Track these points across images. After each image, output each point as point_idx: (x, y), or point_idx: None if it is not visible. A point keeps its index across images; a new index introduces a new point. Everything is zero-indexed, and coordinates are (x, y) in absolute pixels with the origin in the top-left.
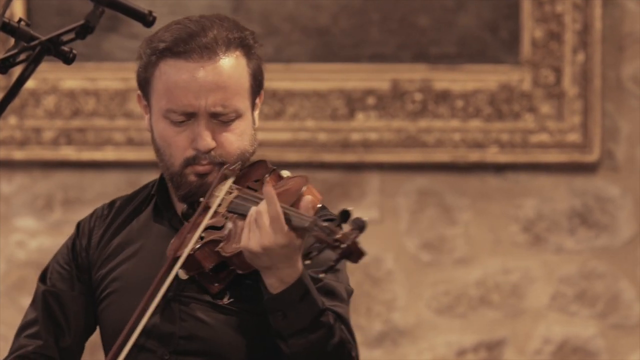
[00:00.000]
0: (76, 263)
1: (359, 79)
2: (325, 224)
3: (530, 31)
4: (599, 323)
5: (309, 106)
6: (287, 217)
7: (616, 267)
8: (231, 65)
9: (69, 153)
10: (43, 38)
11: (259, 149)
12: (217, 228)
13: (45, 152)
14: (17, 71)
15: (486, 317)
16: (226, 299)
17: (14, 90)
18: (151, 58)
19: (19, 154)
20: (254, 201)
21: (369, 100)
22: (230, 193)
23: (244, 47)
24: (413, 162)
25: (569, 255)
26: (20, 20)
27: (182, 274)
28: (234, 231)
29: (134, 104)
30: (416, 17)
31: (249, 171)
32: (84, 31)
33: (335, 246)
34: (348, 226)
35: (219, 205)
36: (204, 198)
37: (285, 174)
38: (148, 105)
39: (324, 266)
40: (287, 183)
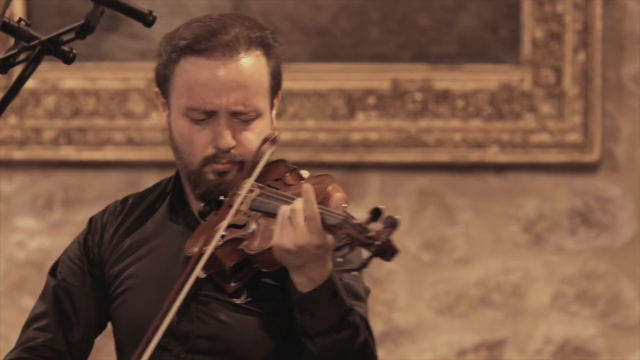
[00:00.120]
0: (88, 258)
1: (359, 78)
2: (357, 221)
3: (531, 31)
4: (600, 323)
5: (309, 106)
6: (320, 221)
7: (617, 267)
8: (252, 64)
9: (69, 153)
10: (43, 38)
11: None
12: (239, 226)
13: (45, 152)
14: (17, 71)
15: (487, 317)
16: (243, 298)
17: (14, 90)
18: (171, 55)
19: (19, 154)
20: (278, 199)
21: (369, 100)
22: (252, 191)
23: (265, 46)
24: (413, 162)
25: (569, 255)
26: (20, 20)
27: (201, 273)
28: (258, 229)
29: (134, 104)
30: (416, 16)
31: (268, 170)
32: (84, 31)
33: (369, 244)
34: (379, 224)
35: (241, 203)
36: (223, 196)
37: (304, 173)
38: (167, 102)
39: (344, 265)
40: (312, 182)
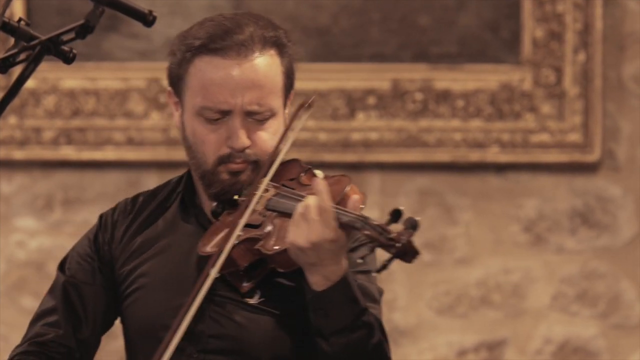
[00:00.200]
0: (98, 255)
1: (359, 78)
2: (376, 222)
3: (531, 31)
4: (600, 323)
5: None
6: (336, 215)
7: (617, 267)
8: (267, 63)
9: (69, 153)
10: (43, 38)
11: None
12: (255, 226)
13: (45, 152)
14: (17, 71)
15: (487, 317)
16: (256, 297)
17: (14, 90)
18: (186, 55)
19: (19, 154)
20: (294, 198)
21: (369, 100)
22: (267, 191)
23: (279, 45)
24: (414, 162)
25: (569, 255)
26: (20, 19)
27: (214, 272)
28: (274, 229)
29: (134, 104)
30: (417, 16)
31: (282, 169)
32: (84, 31)
33: (390, 245)
34: (399, 225)
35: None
36: (237, 196)
37: (319, 173)
38: (180, 101)
39: (355, 267)
40: (329, 182)
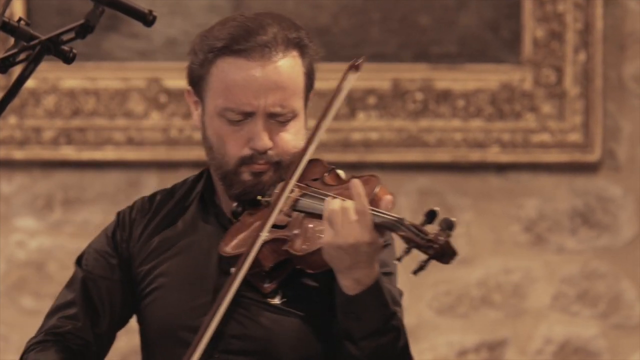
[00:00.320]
0: (117, 252)
1: (359, 78)
2: (412, 223)
3: (532, 31)
4: (601, 323)
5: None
6: (371, 217)
7: (618, 267)
8: (289, 65)
9: (69, 153)
10: (43, 37)
11: None
12: (280, 227)
13: (45, 151)
14: (17, 71)
15: (487, 317)
16: (278, 298)
17: (14, 89)
18: (208, 55)
19: (19, 154)
20: (322, 199)
21: (369, 99)
22: (292, 191)
23: (301, 47)
24: (414, 162)
25: (570, 256)
26: (20, 19)
27: (242, 272)
28: (302, 230)
29: (134, 104)
30: (417, 16)
31: (305, 169)
32: (84, 30)
33: (428, 247)
34: (434, 226)
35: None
36: (261, 196)
37: (341, 174)
38: (200, 101)
39: (384, 267)
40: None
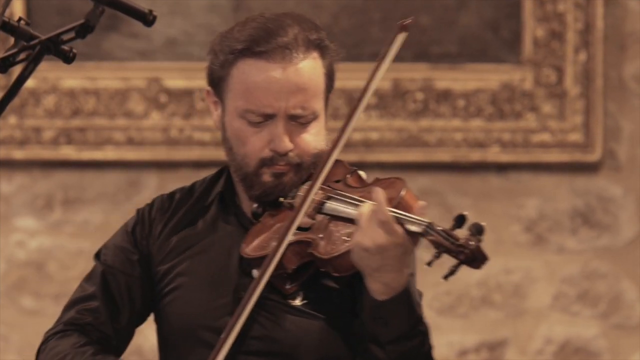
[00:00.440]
0: (137, 248)
1: (359, 78)
2: (441, 228)
3: (532, 30)
4: (601, 323)
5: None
6: (400, 221)
7: (618, 267)
8: (310, 66)
9: (69, 153)
10: (43, 37)
11: None
12: (304, 229)
13: (45, 151)
14: (17, 70)
15: (488, 317)
16: (299, 300)
17: (14, 89)
18: (228, 56)
19: (19, 154)
20: (347, 202)
21: (369, 99)
22: (315, 193)
23: (322, 48)
24: (414, 162)
25: (570, 255)
26: (20, 19)
27: (256, 274)
28: (327, 232)
29: (134, 104)
30: (417, 16)
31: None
32: (84, 30)
33: (459, 251)
34: (464, 231)
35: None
36: (283, 198)
37: (363, 175)
38: (220, 102)
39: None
40: (382, 185)
